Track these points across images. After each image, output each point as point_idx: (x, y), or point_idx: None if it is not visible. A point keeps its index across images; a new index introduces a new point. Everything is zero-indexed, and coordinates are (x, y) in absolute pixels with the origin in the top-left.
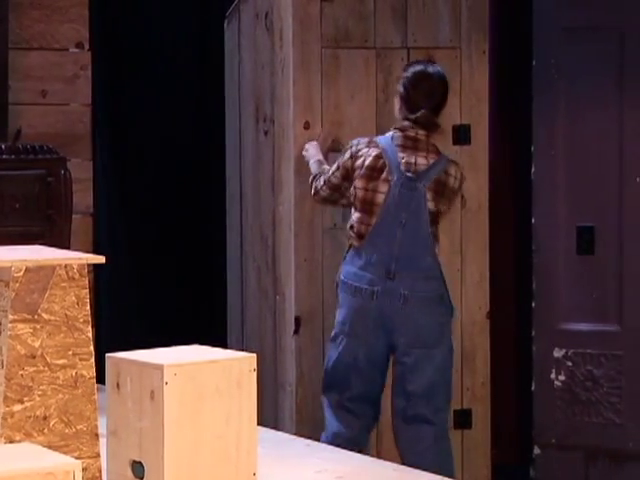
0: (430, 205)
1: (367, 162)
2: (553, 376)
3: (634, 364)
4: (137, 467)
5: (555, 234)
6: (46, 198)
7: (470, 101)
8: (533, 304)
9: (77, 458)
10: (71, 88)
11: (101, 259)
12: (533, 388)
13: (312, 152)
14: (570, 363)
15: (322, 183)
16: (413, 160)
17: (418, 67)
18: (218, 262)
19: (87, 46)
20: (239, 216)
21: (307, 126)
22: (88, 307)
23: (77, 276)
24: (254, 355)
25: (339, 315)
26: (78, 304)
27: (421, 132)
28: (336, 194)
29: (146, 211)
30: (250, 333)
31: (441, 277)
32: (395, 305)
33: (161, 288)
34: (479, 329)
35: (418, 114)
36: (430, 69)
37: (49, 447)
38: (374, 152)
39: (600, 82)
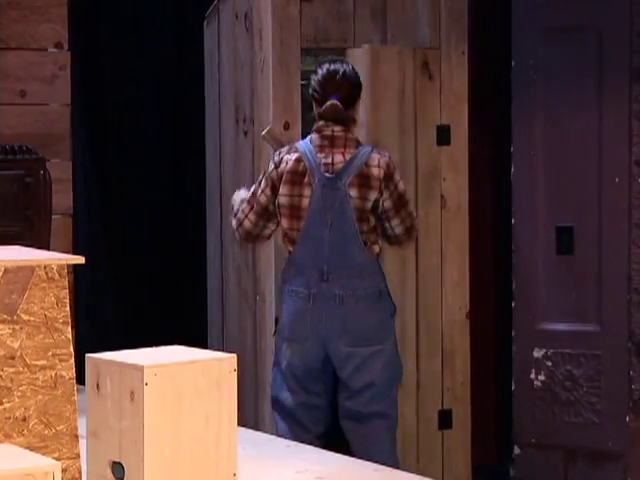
0: (356, 202)
1: (288, 167)
2: (533, 376)
3: (613, 364)
4: (117, 468)
5: (535, 234)
6: (25, 199)
7: (449, 102)
8: (513, 304)
9: (57, 459)
10: (50, 88)
11: (80, 259)
12: (513, 388)
13: (241, 193)
14: (549, 363)
15: (244, 212)
16: (330, 159)
17: (325, 66)
18: (198, 262)
19: (66, 46)
20: (219, 216)
21: (287, 126)
22: (68, 308)
23: (56, 277)
24: (234, 355)
25: (280, 321)
26: (57, 305)
27: (337, 128)
28: (261, 221)
29: (126, 212)
30: (230, 333)
31: (378, 273)
32: (331, 306)
33: (141, 288)
34: (459, 329)
35: (325, 105)
36: (336, 66)
37: (28, 448)
38: (294, 156)
39: (579, 82)
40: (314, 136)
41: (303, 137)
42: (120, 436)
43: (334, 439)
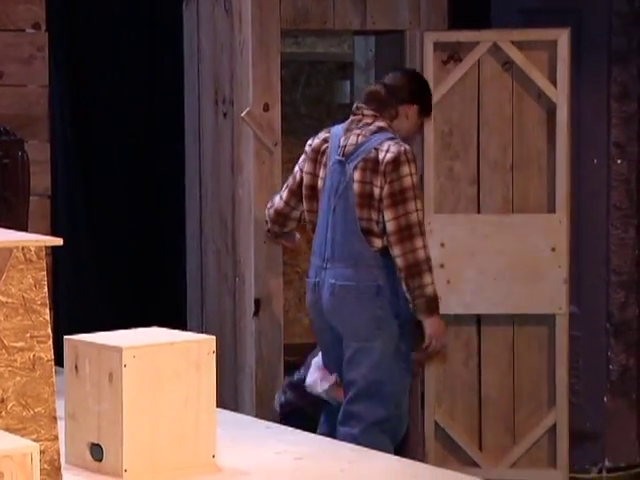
0: (360, 187)
1: (314, 144)
2: None
3: (592, 346)
4: (95, 449)
5: None
6: (3, 180)
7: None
8: None
9: (35, 441)
10: (28, 69)
11: (59, 241)
12: None
13: None
14: None
15: (278, 193)
16: (346, 142)
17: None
18: (178, 244)
19: (44, 27)
20: (198, 198)
21: (266, 108)
22: (46, 289)
23: (35, 258)
24: (213, 337)
25: None
26: (36, 286)
27: (368, 112)
28: (293, 200)
29: (106, 193)
30: (210, 315)
31: (379, 267)
32: (326, 296)
33: (120, 270)
34: None
35: (369, 88)
36: (404, 70)
37: (7, 430)
38: (323, 135)
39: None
40: (349, 119)
41: (283, 119)
42: (99, 418)
43: None
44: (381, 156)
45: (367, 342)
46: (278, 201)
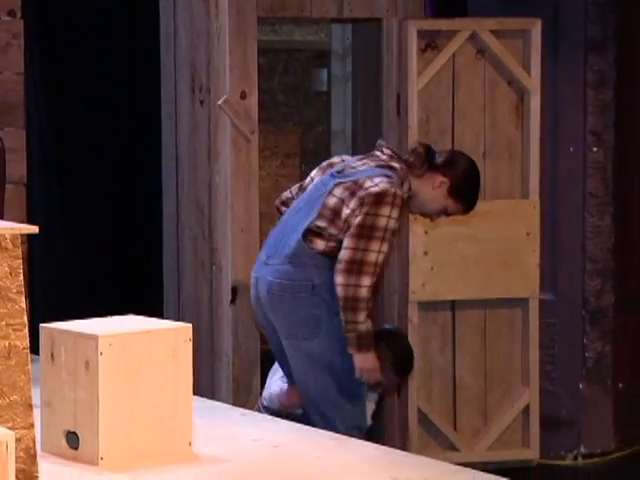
0: (333, 201)
1: (332, 159)
2: None
3: (568, 333)
4: (72, 437)
5: None
6: None
7: (406, 71)
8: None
9: (11, 429)
10: (3, 57)
11: (34, 229)
12: None
13: None
14: None
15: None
16: (352, 164)
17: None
18: (154, 232)
19: (19, 14)
20: (175, 185)
21: (243, 95)
22: (21, 277)
23: (10, 246)
24: (189, 325)
25: None
26: (11, 274)
27: (387, 151)
28: (284, 206)
29: (82, 180)
30: (186, 303)
31: (316, 267)
32: (264, 293)
33: (96, 258)
34: None
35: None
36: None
37: None
38: (344, 156)
39: None
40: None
41: (260, 107)
42: (75, 406)
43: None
44: (367, 184)
45: (305, 341)
46: (286, 193)
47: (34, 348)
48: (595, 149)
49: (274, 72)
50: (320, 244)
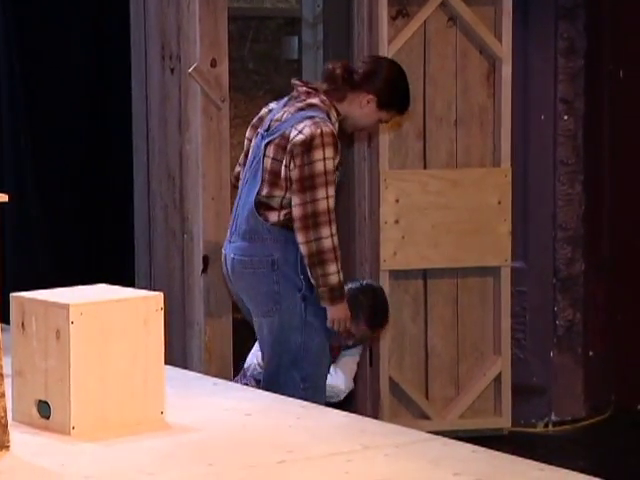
0: (270, 163)
1: (260, 112)
2: None
3: (538, 301)
4: (43, 406)
5: None
6: None
7: (377, 39)
8: None
9: None
10: None
11: (4, 197)
12: None
13: None
14: None
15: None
16: (274, 116)
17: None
18: (125, 200)
19: None
20: (145, 154)
21: (214, 63)
22: None
23: None
24: (161, 294)
25: None
26: None
27: (301, 88)
28: (238, 181)
29: (52, 149)
30: (158, 272)
31: (275, 241)
32: (229, 270)
33: (67, 227)
34: None
35: (328, 64)
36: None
37: None
38: (270, 105)
39: None
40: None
41: (231, 75)
42: (46, 375)
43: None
44: (292, 134)
45: (267, 317)
46: (237, 166)
47: (4, 317)
48: (566, 117)
49: (244, 40)
50: (273, 216)
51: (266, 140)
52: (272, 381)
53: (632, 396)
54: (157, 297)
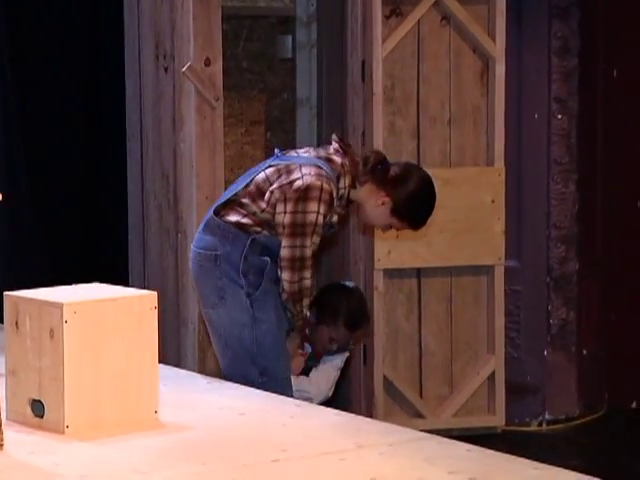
0: (260, 177)
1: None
2: None
3: (532, 300)
4: (37, 405)
5: None
6: None
7: (371, 38)
8: None
9: None
10: None
11: None
12: None
13: None
14: None
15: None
16: (299, 150)
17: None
18: (119, 199)
19: None
20: (139, 153)
21: (208, 62)
22: None
23: None
24: (155, 293)
25: None
26: None
27: (335, 145)
28: None
29: (46, 147)
30: (152, 271)
31: (223, 237)
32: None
33: (61, 226)
34: None
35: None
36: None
37: None
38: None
39: None
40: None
41: (224, 74)
42: (40, 374)
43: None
44: (294, 175)
45: (214, 310)
46: None
47: None
48: (559, 116)
49: (238, 39)
50: (233, 216)
51: (275, 161)
52: (232, 373)
53: (625, 395)
54: (151, 296)
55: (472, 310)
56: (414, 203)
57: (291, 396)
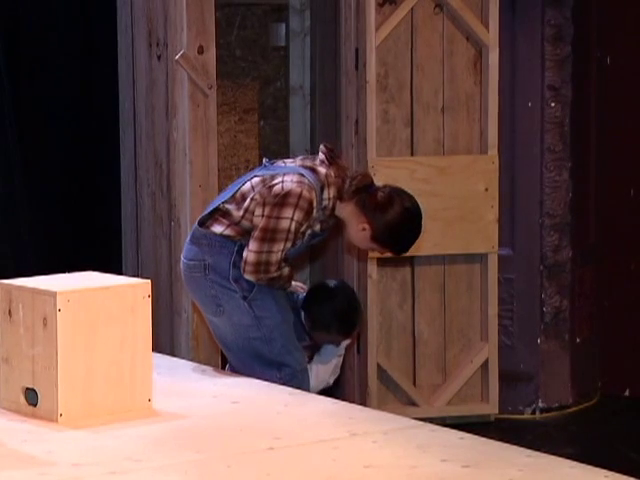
0: (246, 186)
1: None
2: None
3: (526, 288)
4: (30, 394)
5: None
6: None
7: (365, 25)
8: None
9: None
10: None
11: None
12: None
13: None
14: None
15: None
16: (286, 159)
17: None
18: (113, 187)
19: None
20: (133, 141)
21: (201, 50)
22: None
23: None
24: (148, 281)
25: None
26: None
27: (322, 156)
28: None
29: (39, 135)
30: (145, 259)
31: (210, 245)
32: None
33: (54, 214)
34: None
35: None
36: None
37: None
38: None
39: None
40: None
41: (218, 62)
42: (33, 362)
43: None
44: (276, 180)
45: (216, 316)
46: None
47: None
48: (553, 104)
49: (231, 26)
50: (218, 228)
51: (261, 172)
52: (248, 372)
53: (619, 383)
54: (144, 284)
55: (466, 298)
56: (393, 234)
57: (308, 388)
